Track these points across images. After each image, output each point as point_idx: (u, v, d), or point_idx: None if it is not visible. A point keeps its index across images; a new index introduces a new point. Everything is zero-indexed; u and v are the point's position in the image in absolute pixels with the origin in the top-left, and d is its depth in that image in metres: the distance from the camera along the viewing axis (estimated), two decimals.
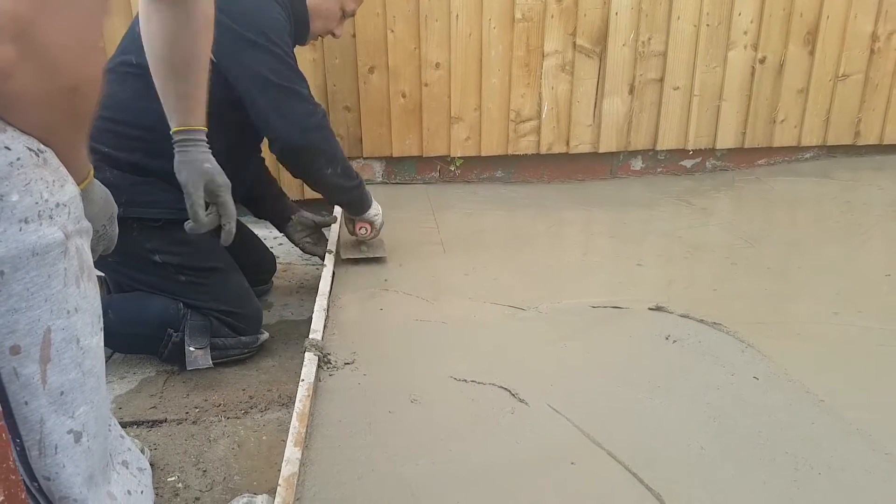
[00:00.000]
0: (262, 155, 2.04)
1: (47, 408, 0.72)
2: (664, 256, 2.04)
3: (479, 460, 1.11)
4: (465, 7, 2.61)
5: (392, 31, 2.61)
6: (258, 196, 2.05)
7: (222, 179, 1.38)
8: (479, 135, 2.80)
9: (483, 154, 2.83)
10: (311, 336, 1.43)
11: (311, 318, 1.53)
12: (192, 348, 1.60)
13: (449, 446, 1.14)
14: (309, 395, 1.23)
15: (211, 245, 1.60)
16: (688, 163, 3.02)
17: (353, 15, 1.88)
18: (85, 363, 0.77)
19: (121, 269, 1.66)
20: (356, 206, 1.86)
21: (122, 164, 1.53)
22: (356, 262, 1.94)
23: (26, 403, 0.71)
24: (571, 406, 1.24)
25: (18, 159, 0.68)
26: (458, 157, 2.85)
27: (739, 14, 2.76)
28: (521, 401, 1.27)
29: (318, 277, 1.78)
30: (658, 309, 1.64)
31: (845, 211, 2.44)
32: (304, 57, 2.51)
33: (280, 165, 1.75)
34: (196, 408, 1.52)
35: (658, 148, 2.93)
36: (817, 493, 1.02)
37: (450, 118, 2.76)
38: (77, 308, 0.75)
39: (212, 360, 1.61)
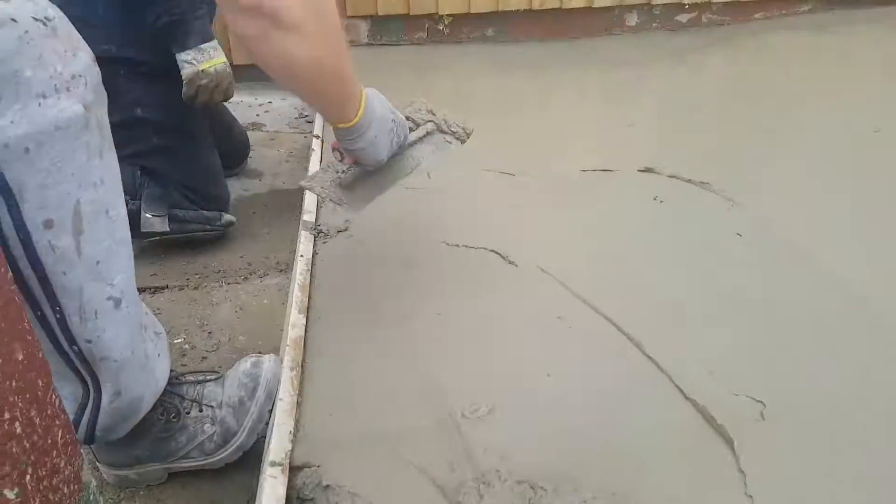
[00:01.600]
0: None
1: (85, 277, 0.75)
2: (656, 117, 2.03)
3: (472, 317, 1.17)
4: None
5: None
6: None
7: None
8: None
9: (473, 11, 2.72)
10: (304, 216, 1.44)
11: (302, 188, 1.53)
12: (148, 215, 1.52)
13: (443, 305, 1.20)
14: (308, 269, 1.27)
15: (195, 112, 1.57)
16: (683, 17, 2.92)
17: None
18: (116, 233, 0.79)
19: None
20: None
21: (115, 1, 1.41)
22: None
23: (64, 274, 0.73)
24: (559, 266, 1.29)
25: (27, 32, 0.66)
26: (447, 15, 2.74)
27: None
28: (511, 263, 1.31)
29: (307, 146, 1.77)
30: (647, 171, 1.65)
31: (840, 66, 2.40)
32: None
33: None
34: (196, 274, 1.57)
35: (654, 2, 2.82)
36: (792, 338, 1.08)
37: None
38: (103, 180, 0.76)
39: (171, 233, 1.55)
